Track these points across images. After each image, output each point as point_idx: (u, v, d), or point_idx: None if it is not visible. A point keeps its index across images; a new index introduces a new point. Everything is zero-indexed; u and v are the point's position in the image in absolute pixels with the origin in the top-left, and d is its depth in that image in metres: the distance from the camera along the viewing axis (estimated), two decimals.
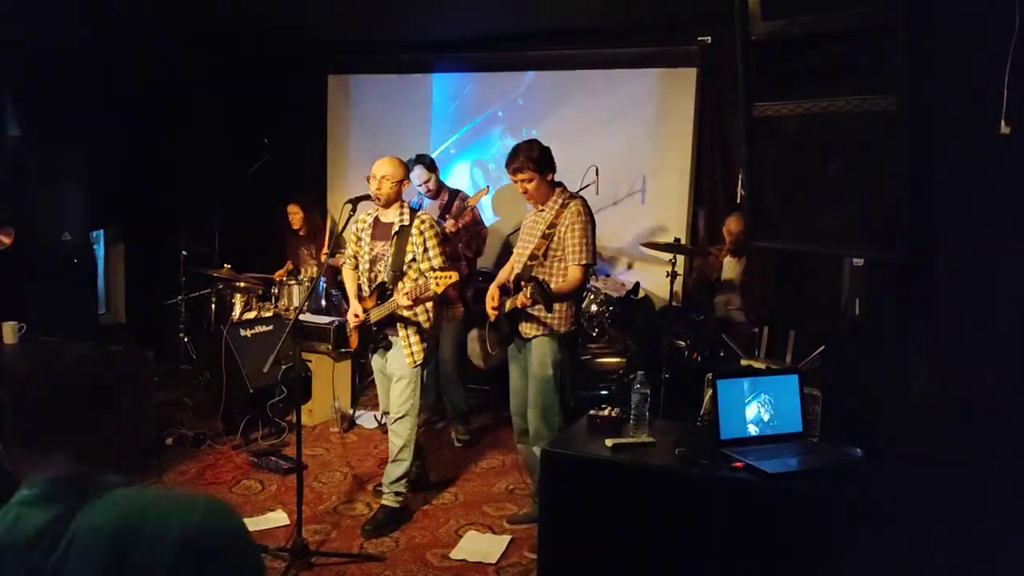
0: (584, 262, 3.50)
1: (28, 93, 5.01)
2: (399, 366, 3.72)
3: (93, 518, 1.16)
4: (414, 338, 3.70)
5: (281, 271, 5.90)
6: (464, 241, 4.82)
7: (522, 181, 3.54)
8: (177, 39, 5.69)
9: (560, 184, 3.66)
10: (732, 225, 5.01)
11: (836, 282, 3.28)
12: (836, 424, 2.84)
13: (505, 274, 3.78)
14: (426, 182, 4.88)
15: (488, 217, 5.88)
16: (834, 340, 3.68)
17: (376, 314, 3.67)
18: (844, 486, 2.48)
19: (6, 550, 1.16)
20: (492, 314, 3.66)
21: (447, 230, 4.63)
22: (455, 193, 5.02)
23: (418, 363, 3.71)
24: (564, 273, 3.53)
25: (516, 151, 3.55)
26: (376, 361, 3.86)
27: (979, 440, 2.28)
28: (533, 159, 3.50)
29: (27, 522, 1.17)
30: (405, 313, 3.63)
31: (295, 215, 5.95)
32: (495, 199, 6.16)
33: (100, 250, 6.07)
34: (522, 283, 3.44)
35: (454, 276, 3.47)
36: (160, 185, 5.94)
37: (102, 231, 6.06)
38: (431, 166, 4.93)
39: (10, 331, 4.04)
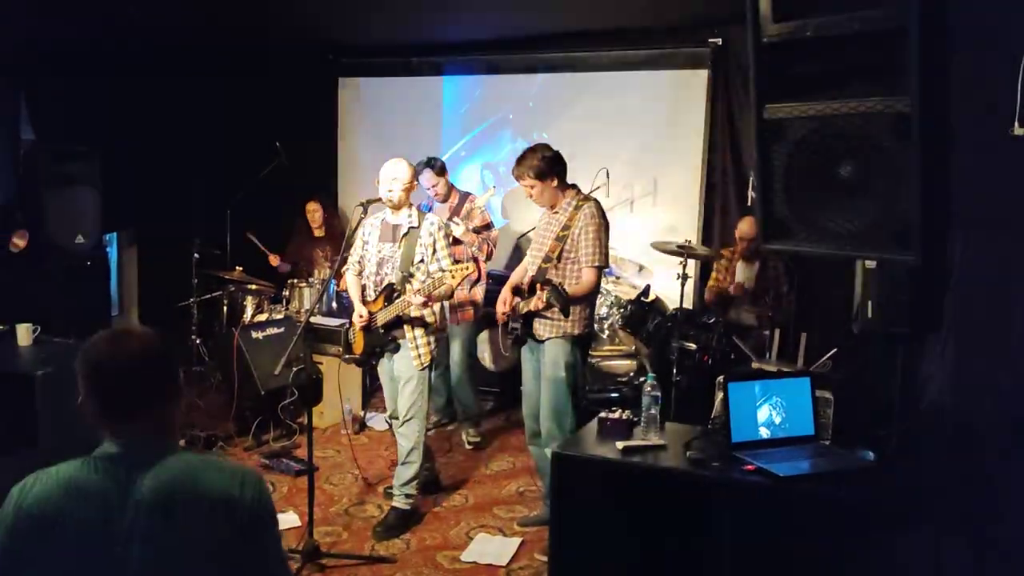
0: (597, 264, 3.50)
1: (42, 97, 5.05)
2: (406, 368, 3.72)
3: (156, 475, 1.45)
4: (421, 340, 3.70)
5: (277, 257, 5.92)
6: (477, 244, 4.81)
7: (526, 187, 3.56)
8: (189, 42, 5.72)
9: (574, 186, 3.66)
10: (743, 229, 4.99)
11: (848, 285, 3.26)
12: (848, 427, 2.83)
13: (518, 277, 3.77)
14: (434, 186, 4.87)
15: (498, 220, 5.88)
16: (846, 343, 3.66)
17: (383, 316, 3.67)
18: (856, 489, 2.47)
19: (87, 495, 1.43)
20: (500, 318, 3.66)
21: (456, 235, 4.63)
22: (465, 196, 5.02)
23: (425, 365, 3.71)
24: (578, 275, 3.53)
25: (521, 158, 3.57)
26: (383, 364, 3.86)
27: (993, 443, 2.27)
28: (535, 168, 3.51)
29: (104, 473, 1.45)
30: (414, 314, 3.64)
31: (315, 212, 5.97)
32: (506, 202, 6.16)
33: (113, 253, 6.11)
34: (537, 286, 3.44)
35: (471, 267, 3.48)
36: (172, 188, 5.98)
37: (115, 234, 6.11)
38: (440, 170, 4.92)
39: (25, 333, 4.07)
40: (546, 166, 3.53)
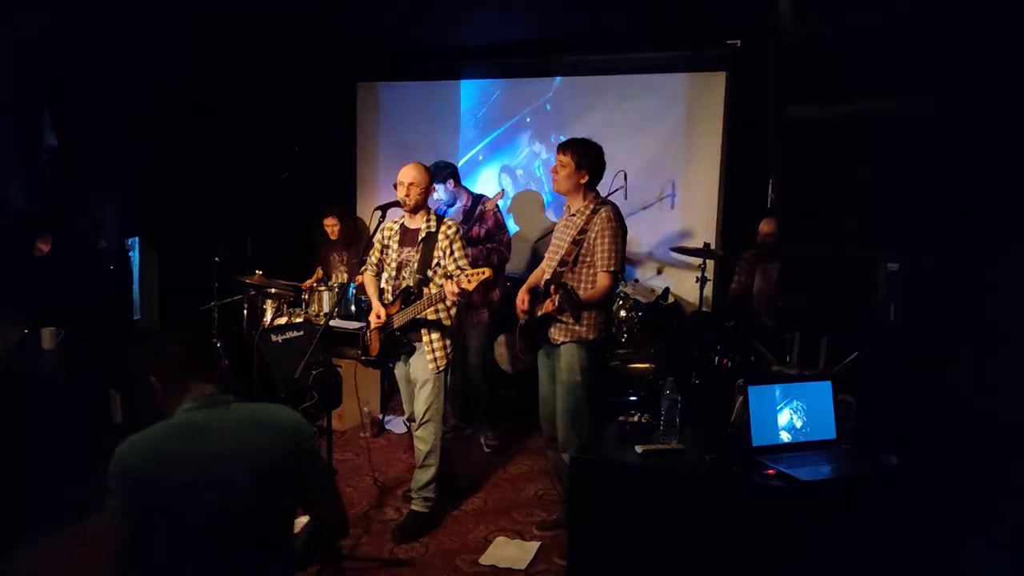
0: (612, 269, 3.49)
1: (65, 104, 5.11)
2: (422, 371, 3.73)
3: (228, 418, 1.98)
4: (437, 343, 3.71)
5: (311, 280, 5.96)
6: (483, 257, 4.79)
7: (560, 163, 3.56)
8: (209, 49, 5.77)
9: (595, 191, 3.66)
10: (765, 228, 4.96)
11: (870, 286, 3.23)
12: (871, 431, 2.80)
13: (536, 278, 3.77)
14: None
15: (510, 224, 5.87)
16: (869, 345, 3.63)
17: (400, 318, 3.69)
18: (879, 494, 2.44)
19: (181, 438, 1.92)
20: (521, 316, 3.66)
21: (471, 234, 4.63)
22: (479, 198, 5.02)
23: (441, 368, 3.72)
24: (593, 279, 3.51)
25: (576, 139, 3.60)
26: (399, 368, 3.87)
27: (1020, 446, 2.23)
28: (582, 153, 3.54)
29: (196, 421, 1.95)
30: (430, 316, 3.65)
31: (334, 227, 5.99)
32: (518, 206, 6.16)
33: (135, 257, 6.17)
34: (551, 289, 3.44)
35: (487, 272, 3.47)
36: (193, 193, 6.03)
37: (137, 238, 6.17)
38: (445, 177, 4.89)
39: (49, 337, 4.12)
40: (590, 160, 3.55)
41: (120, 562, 1.87)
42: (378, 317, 3.74)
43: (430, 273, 3.67)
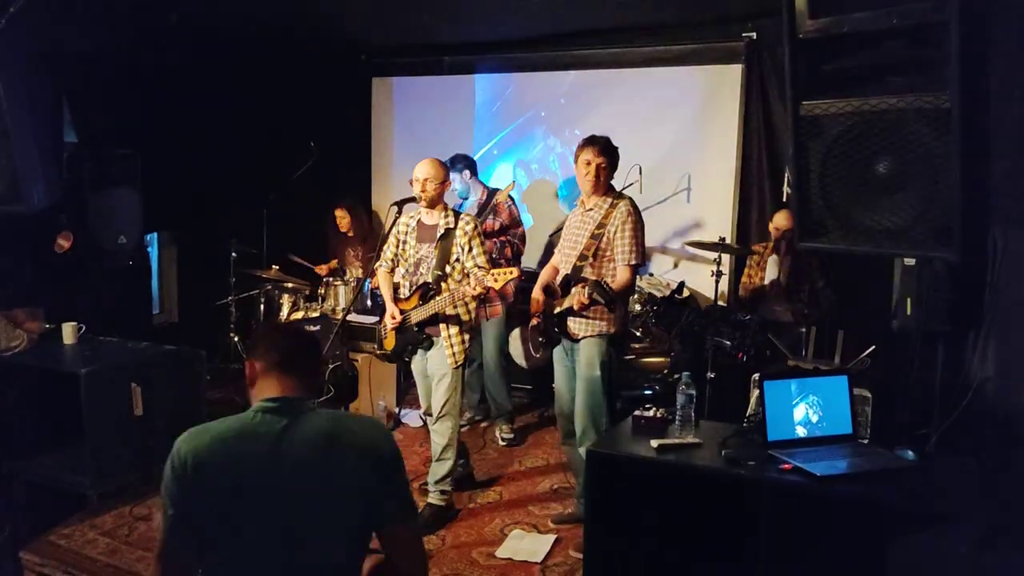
0: (634, 262, 3.50)
1: (82, 100, 5.16)
2: (440, 366, 3.75)
3: (311, 425, 1.78)
4: (456, 338, 3.73)
5: (324, 267, 5.99)
6: (497, 250, 4.80)
7: (598, 165, 3.53)
8: (225, 45, 5.81)
9: (611, 186, 3.67)
10: (779, 221, 4.95)
11: (887, 282, 3.21)
12: (887, 426, 2.80)
13: (548, 276, 3.78)
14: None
15: (524, 217, 5.88)
16: (885, 340, 3.62)
17: (418, 314, 3.71)
18: (896, 489, 2.43)
19: (256, 442, 1.75)
20: (535, 320, 3.67)
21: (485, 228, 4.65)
22: (493, 192, 5.04)
23: (459, 363, 3.74)
24: (613, 273, 3.52)
25: (602, 138, 3.59)
26: (417, 362, 3.89)
27: None
28: (609, 150, 3.56)
29: (268, 423, 1.77)
30: (448, 312, 3.67)
31: (343, 219, 6.02)
32: (531, 199, 6.16)
33: (154, 253, 6.24)
34: (581, 285, 3.42)
35: (515, 272, 3.47)
36: (211, 189, 6.08)
37: (156, 234, 6.23)
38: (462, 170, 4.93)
39: (70, 332, 4.18)
40: (615, 157, 3.58)
41: (166, 558, 1.74)
42: (393, 318, 3.76)
43: (448, 269, 3.69)
